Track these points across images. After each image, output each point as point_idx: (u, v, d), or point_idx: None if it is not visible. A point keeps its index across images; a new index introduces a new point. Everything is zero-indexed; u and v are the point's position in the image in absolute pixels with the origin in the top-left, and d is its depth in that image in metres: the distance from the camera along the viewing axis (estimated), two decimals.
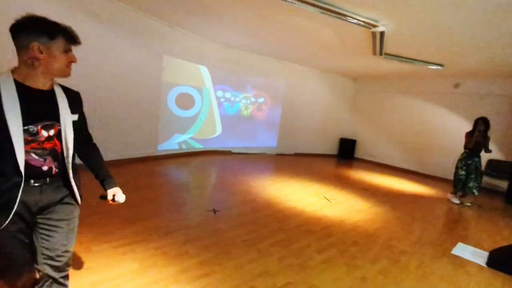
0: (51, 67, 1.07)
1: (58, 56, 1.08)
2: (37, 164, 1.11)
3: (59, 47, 1.07)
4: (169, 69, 5.30)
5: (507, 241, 3.30)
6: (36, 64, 1.04)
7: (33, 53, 1.02)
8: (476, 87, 6.12)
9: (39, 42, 1.02)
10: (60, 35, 1.07)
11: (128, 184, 3.69)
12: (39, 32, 1.02)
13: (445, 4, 2.84)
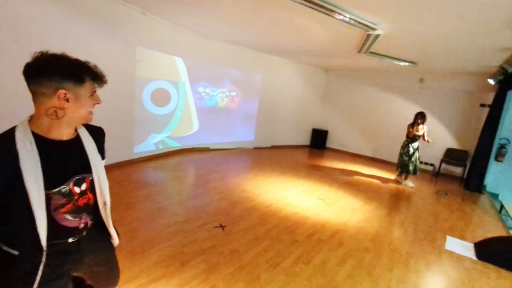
0: (76, 115, 0.91)
1: (84, 102, 0.91)
2: (72, 225, 0.99)
3: (86, 92, 0.91)
4: (143, 62, 4.71)
5: (481, 229, 3.76)
6: (60, 114, 0.87)
7: (58, 102, 0.85)
8: (438, 83, 6.69)
9: (65, 89, 0.84)
10: (88, 77, 0.90)
11: (114, 202, 3.25)
12: (65, 76, 0.84)
13: (441, 14, 2.93)
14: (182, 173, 4.79)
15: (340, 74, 8.47)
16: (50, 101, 0.85)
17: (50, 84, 0.83)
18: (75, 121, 0.94)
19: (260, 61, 6.98)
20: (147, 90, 4.93)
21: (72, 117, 0.91)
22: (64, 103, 0.86)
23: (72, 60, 0.89)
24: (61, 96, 0.85)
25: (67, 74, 0.85)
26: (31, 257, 0.88)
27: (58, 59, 0.87)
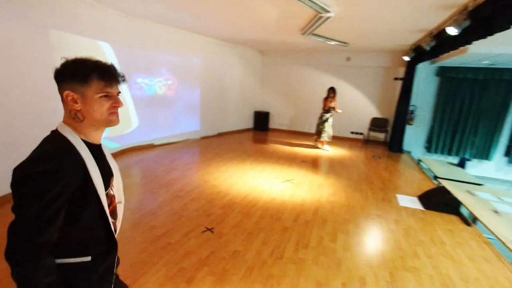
0: (93, 117, 0.86)
1: (95, 104, 0.85)
2: (114, 227, 0.99)
3: (94, 91, 0.84)
4: (61, 50, 3.77)
5: (415, 184, 4.57)
6: (80, 117, 0.85)
7: (68, 104, 0.84)
8: (362, 61, 7.53)
9: (72, 90, 0.83)
10: (94, 76, 0.83)
11: None
12: (70, 77, 0.83)
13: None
14: (135, 178, 4.21)
15: (275, 56, 8.63)
16: (67, 104, 0.85)
17: (62, 86, 0.84)
18: (96, 123, 0.88)
19: (198, 44, 6.49)
20: None
21: (91, 119, 0.86)
22: (73, 104, 0.84)
23: (81, 61, 0.84)
24: (69, 96, 0.83)
25: (72, 75, 0.83)
26: (105, 256, 0.93)
27: (70, 61, 0.84)
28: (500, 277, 2.30)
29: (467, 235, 2.98)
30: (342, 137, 8.12)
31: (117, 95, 0.90)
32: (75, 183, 0.81)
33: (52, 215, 0.76)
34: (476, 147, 6.94)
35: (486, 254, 2.64)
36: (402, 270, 2.33)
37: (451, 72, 6.77)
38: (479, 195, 3.81)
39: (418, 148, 7.48)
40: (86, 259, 0.88)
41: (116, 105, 0.89)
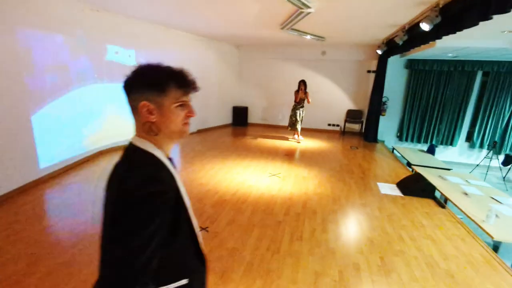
0: (168, 129, 0.79)
1: (172, 114, 0.78)
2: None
3: (172, 102, 0.78)
4: (34, 49, 3.46)
5: (393, 172, 4.85)
6: (155, 129, 0.78)
7: (143, 116, 0.76)
8: (336, 55, 7.73)
9: (148, 100, 0.75)
10: (172, 84, 0.77)
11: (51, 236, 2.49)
12: (147, 86, 0.76)
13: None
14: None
15: (251, 50, 8.58)
16: (141, 116, 0.77)
17: (135, 97, 0.77)
18: (171, 135, 0.81)
19: (171, 39, 6.27)
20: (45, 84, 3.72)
21: (165, 132, 0.79)
22: (149, 116, 0.76)
23: (156, 68, 0.78)
24: (144, 108, 0.75)
25: (147, 84, 0.76)
26: (198, 274, 0.89)
27: (143, 69, 0.77)
28: (474, 253, 2.55)
29: (442, 216, 3.25)
30: (320, 129, 8.36)
31: (190, 104, 0.84)
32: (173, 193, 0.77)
33: (160, 239, 0.70)
34: (442, 134, 7.50)
35: (461, 233, 2.91)
36: (390, 254, 2.49)
37: (419, 65, 7.20)
38: (449, 179, 4.14)
39: (390, 137, 7.92)
40: (183, 282, 0.82)
41: (191, 115, 0.83)
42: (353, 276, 2.19)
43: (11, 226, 2.63)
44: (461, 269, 2.31)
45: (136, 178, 0.69)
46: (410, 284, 2.12)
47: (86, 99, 4.57)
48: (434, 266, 2.34)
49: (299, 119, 6.64)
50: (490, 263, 2.41)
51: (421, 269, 2.30)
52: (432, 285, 2.12)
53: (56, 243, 2.42)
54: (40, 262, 2.17)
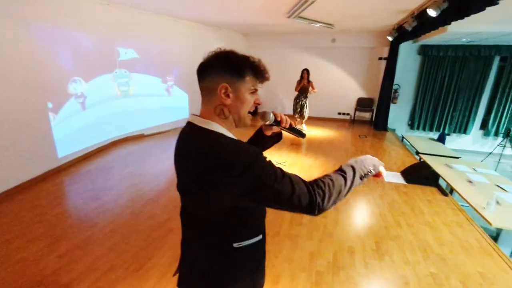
0: (237, 115, 0.84)
1: (245, 99, 0.84)
2: None
3: (247, 88, 0.83)
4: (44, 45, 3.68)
5: (399, 160, 4.85)
6: (226, 113, 0.83)
7: (220, 98, 0.81)
8: (347, 42, 7.60)
9: (227, 83, 0.80)
10: (249, 72, 0.82)
11: (77, 220, 2.74)
12: (226, 70, 0.81)
13: None
14: (131, 169, 4.26)
15: (259, 38, 8.56)
16: (216, 98, 0.82)
17: (215, 79, 0.81)
18: (238, 120, 0.86)
19: (178, 30, 6.36)
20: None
21: (235, 116, 0.85)
22: (226, 98, 0.81)
23: (237, 54, 0.84)
24: (223, 89, 0.80)
25: (228, 67, 0.81)
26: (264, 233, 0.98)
27: (224, 54, 0.83)
28: (470, 238, 2.60)
29: (444, 204, 3.28)
30: (330, 118, 8.33)
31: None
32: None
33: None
34: (455, 122, 7.31)
35: (460, 220, 2.94)
36: (386, 239, 2.58)
37: (432, 50, 6.96)
38: (456, 168, 4.11)
39: (402, 125, 7.79)
40: (259, 237, 0.92)
41: (259, 102, 0.88)
42: (347, 258, 2.31)
43: (34, 210, 2.90)
44: (454, 253, 2.37)
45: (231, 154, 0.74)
46: (400, 266, 2.21)
47: (98, 92, 4.79)
48: (427, 250, 2.41)
49: (305, 110, 6.61)
50: (485, 248, 2.46)
51: (414, 253, 2.38)
52: (423, 267, 2.20)
53: (73, 226, 2.67)
54: (58, 242, 2.41)
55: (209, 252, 0.91)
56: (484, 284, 2.04)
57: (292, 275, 2.11)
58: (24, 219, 2.72)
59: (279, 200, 0.76)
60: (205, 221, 0.87)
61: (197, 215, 0.88)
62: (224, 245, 0.87)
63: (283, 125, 1.02)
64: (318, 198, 0.77)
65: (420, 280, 2.07)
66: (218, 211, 0.82)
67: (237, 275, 0.91)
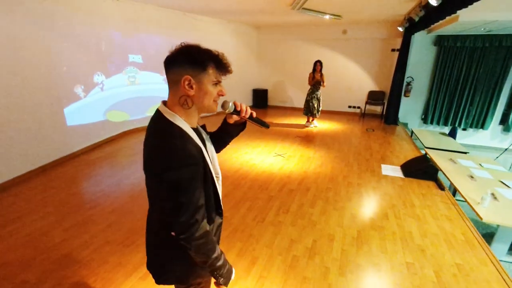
0: (201, 104, 0.92)
1: (208, 90, 0.91)
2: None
3: (210, 79, 0.90)
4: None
5: (402, 154, 4.76)
6: (190, 103, 0.91)
7: (183, 89, 0.88)
8: (358, 33, 7.42)
9: (190, 75, 0.87)
10: (211, 64, 0.89)
11: (77, 201, 3.02)
12: (189, 63, 0.87)
13: None
14: (137, 156, 4.53)
15: (271, 31, 8.56)
16: (180, 89, 0.88)
17: (178, 71, 0.87)
18: (201, 109, 0.94)
19: (189, 24, 6.53)
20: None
21: (199, 106, 0.93)
22: (189, 90, 0.88)
23: (200, 48, 0.90)
24: (186, 81, 0.87)
25: (191, 61, 0.87)
26: (215, 223, 1.07)
27: (188, 48, 0.89)
28: (457, 232, 2.57)
29: (437, 198, 3.23)
30: (340, 112, 8.22)
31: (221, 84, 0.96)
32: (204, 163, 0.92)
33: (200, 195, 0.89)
34: (472, 116, 6.97)
35: (451, 214, 2.90)
36: (369, 229, 2.62)
37: (449, 41, 6.64)
38: (460, 163, 3.99)
39: (414, 120, 7.54)
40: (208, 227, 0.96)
41: (222, 94, 0.96)
42: (325, 245, 2.38)
43: (47, 190, 3.22)
44: (435, 245, 2.38)
45: (169, 150, 0.83)
46: (377, 255, 2.26)
47: (110, 86, 5.09)
48: (408, 241, 2.43)
49: (320, 104, 6.34)
50: (470, 242, 2.43)
51: (394, 243, 2.41)
52: (399, 256, 2.24)
53: (78, 206, 2.94)
54: (64, 218, 2.68)
55: (152, 229, 1.04)
56: (459, 275, 2.05)
57: (269, 258, 2.22)
58: (36, 198, 3.04)
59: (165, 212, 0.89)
60: (151, 200, 1.00)
61: (148, 193, 0.99)
62: (162, 230, 0.97)
63: (242, 115, 1.08)
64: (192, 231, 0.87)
65: (393, 268, 2.11)
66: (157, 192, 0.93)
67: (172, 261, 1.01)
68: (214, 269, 0.97)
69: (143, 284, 1.94)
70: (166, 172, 0.83)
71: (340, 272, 2.07)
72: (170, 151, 0.83)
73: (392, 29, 6.92)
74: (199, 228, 0.88)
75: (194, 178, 0.87)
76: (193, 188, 0.87)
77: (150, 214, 1.07)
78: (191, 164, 0.85)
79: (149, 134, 0.93)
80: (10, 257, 2.17)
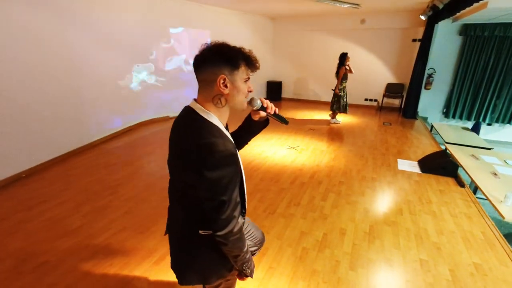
0: (234, 102, 0.94)
1: (240, 88, 0.93)
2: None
3: (242, 77, 0.92)
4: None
5: (420, 149, 4.60)
6: (223, 101, 0.92)
7: (219, 88, 0.89)
8: (377, 23, 7.14)
9: (224, 74, 0.88)
10: (242, 62, 0.91)
11: (94, 188, 3.14)
12: (224, 61, 0.88)
13: None
14: (152, 147, 4.64)
15: (286, 22, 8.39)
16: (214, 88, 0.90)
17: (213, 71, 0.88)
18: (234, 107, 0.96)
19: (206, 15, 6.51)
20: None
21: (231, 104, 0.95)
22: (224, 88, 0.89)
23: (231, 47, 0.91)
24: (221, 80, 0.88)
25: (225, 60, 0.88)
26: (243, 218, 1.10)
27: (220, 46, 0.90)
28: (476, 231, 2.47)
29: (457, 195, 3.10)
30: (356, 105, 8.01)
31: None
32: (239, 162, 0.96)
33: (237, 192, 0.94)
34: (499, 111, 6.59)
35: (470, 211, 2.78)
36: (382, 224, 2.56)
37: (476, 30, 6.25)
38: (483, 159, 3.80)
39: (435, 113, 7.23)
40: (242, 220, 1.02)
41: (251, 90, 0.98)
42: (336, 238, 2.36)
43: (67, 178, 3.36)
44: (452, 244, 2.29)
45: (212, 149, 0.83)
46: (390, 250, 2.21)
47: (128, 78, 5.20)
48: (423, 238, 2.36)
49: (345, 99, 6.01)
50: (490, 241, 2.33)
51: (408, 239, 2.35)
52: (413, 253, 2.18)
53: (96, 193, 3.05)
54: (84, 204, 2.80)
55: (176, 227, 1.05)
56: (476, 274, 1.98)
57: (279, 249, 2.23)
58: (57, 185, 3.18)
59: (207, 209, 0.89)
60: (181, 196, 1.00)
61: (177, 187, 1.01)
62: (191, 228, 0.99)
63: (268, 111, 1.09)
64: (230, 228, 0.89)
65: (406, 264, 2.07)
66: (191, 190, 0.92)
67: (200, 257, 1.02)
68: (244, 262, 1.00)
69: (157, 268, 2.01)
70: (210, 170, 0.83)
71: (351, 266, 2.05)
72: (213, 149, 0.83)
73: (414, 18, 6.60)
74: (237, 224, 0.91)
75: (234, 176, 0.89)
76: (233, 185, 0.89)
77: (173, 211, 1.09)
78: (232, 162, 0.87)
79: (182, 131, 0.93)
80: (33, 239, 2.29)
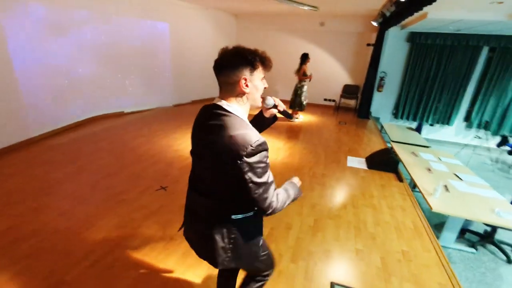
0: (253, 99, 1.05)
1: (258, 86, 1.04)
2: None
3: (259, 77, 1.03)
4: None
5: (369, 146, 4.91)
6: (245, 99, 1.03)
7: (241, 88, 0.99)
8: (335, 26, 7.46)
9: (245, 75, 0.99)
10: (259, 64, 1.01)
11: (30, 188, 2.87)
12: (245, 64, 0.98)
13: None
14: (101, 144, 4.36)
15: (249, 20, 8.41)
16: (237, 88, 0.99)
17: (235, 73, 0.97)
18: (252, 103, 1.06)
19: (165, 7, 6.27)
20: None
21: (251, 101, 1.05)
22: (245, 88, 0.99)
23: (249, 50, 1.00)
24: (243, 81, 0.98)
25: (246, 62, 0.97)
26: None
27: (239, 50, 0.99)
28: (407, 221, 2.71)
29: (395, 189, 3.37)
30: (315, 104, 8.31)
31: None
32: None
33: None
34: (439, 112, 7.29)
35: (405, 204, 3.04)
36: (326, 218, 2.69)
37: (421, 38, 6.84)
38: (421, 156, 4.18)
39: (386, 114, 7.79)
40: (251, 213, 1.11)
41: (266, 86, 1.08)
42: (281, 232, 2.42)
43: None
44: (386, 233, 2.49)
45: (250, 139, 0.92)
46: (330, 242, 2.33)
47: (78, 71, 4.82)
48: (361, 229, 2.53)
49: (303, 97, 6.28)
50: (418, 230, 2.57)
51: (348, 231, 2.49)
52: (351, 243, 2.32)
53: (32, 192, 2.79)
54: (15, 205, 2.54)
55: (207, 214, 1.09)
56: (403, 260, 2.16)
57: None
58: None
59: (251, 192, 0.96)
60: (210, 186, 1.06)
61: (204, 179, 1.08)
62: (223, 214, 1.06)
63: (278, 108, 1.24)
64: (274, 204, 1.02)
65: (343, 254, 2.19)
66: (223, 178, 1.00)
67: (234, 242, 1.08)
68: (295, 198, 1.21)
69: (175, 244, 1.90)
70: (249, 157, 0.91)
71: (292, 259, 2.12)
72: (250, 139, 0.92)
73: (368, 23, 7.02)
74: (277, 198, 1.03)
75: (268, 160, 0.99)
76: (268, 167, 0.99)
77: (197, 204, 1.14)
78: (264, 149, 0.96)
79: (214, 126, 0.98)
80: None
